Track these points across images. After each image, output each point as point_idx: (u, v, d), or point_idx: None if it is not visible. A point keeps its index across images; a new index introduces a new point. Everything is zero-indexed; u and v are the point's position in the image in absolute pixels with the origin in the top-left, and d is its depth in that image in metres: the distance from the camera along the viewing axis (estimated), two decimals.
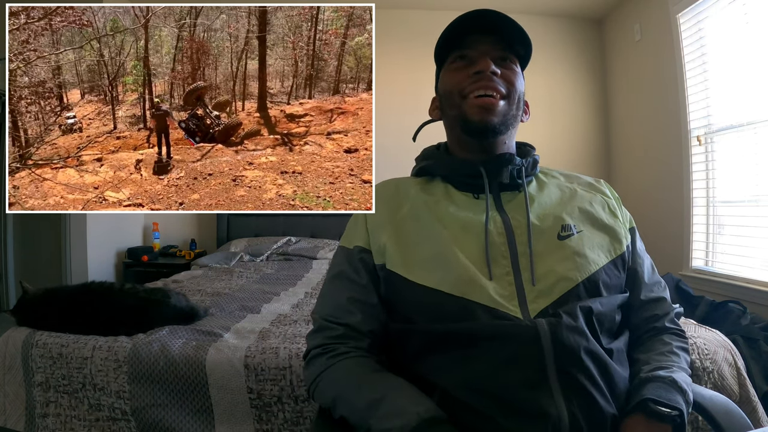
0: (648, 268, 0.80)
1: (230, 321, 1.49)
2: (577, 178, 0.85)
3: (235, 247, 3.02)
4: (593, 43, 3.56)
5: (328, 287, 0.78)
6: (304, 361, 0.76)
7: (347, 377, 0.68)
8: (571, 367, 0.62)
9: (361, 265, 0.74)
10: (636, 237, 0.81)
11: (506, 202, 0.76)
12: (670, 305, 0.79)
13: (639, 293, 0.77)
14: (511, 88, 0.75)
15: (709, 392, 0.75)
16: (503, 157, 0.76)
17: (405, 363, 0.70)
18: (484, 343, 0.63)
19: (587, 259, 0.70)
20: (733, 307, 2.03)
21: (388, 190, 0.80)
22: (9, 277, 3.22)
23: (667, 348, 0.73)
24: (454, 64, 0.78)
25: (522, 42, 0.77)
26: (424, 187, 0.79)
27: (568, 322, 0.63)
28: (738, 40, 2.26)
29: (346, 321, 0.72)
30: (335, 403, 0.68)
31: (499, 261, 0.69)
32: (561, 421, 0.59)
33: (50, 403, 1.24)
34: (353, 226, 0.79)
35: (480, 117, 0.73)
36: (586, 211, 0.77)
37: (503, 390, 0.61)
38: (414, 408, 0.59)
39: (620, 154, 3.42)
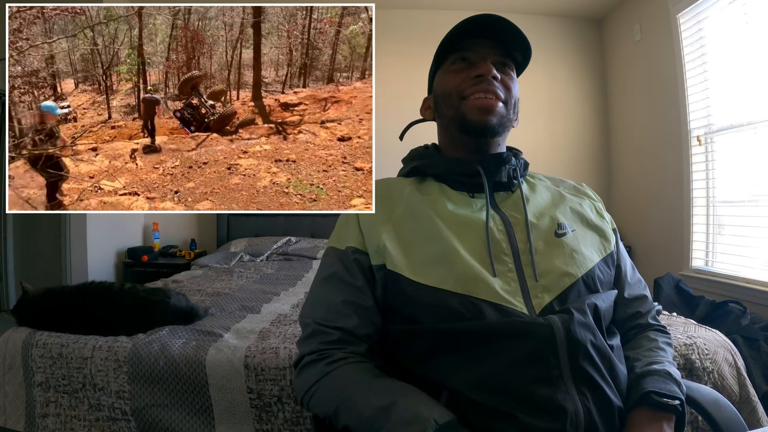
0: (629, 267, 0.83)
1: (230, 321, 1.49)
2: (562, 182, 0.87)
3: (235, 247, 3.02)
4: (593, 43, 3.56)
5: (320, 289, 0.74)
6: (296, 370, 0.72)
7: (349, 384, 0.65)
8: (583, 362, 0.63)
9: (355, 265, 0.72)
10: (618, 238, 0.83)
11: (501, 201, 0.77)
12: (651, 302, 0.83)
13: (623, 291, 0.80)
14: (508, 94, 0.77)
15: (696, 384, 0.79)
16: (501, 156, 0.78)
17: (408, 365, 0.68)
18: (496, 341, 0.63)
19: (584, 256, 0.72)
20: (733, 307, 2.03)
21: (382, 190, 0.79)
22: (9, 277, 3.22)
23: (654, 344, 0.76)
24: (454, 65, 0.79)
25: (521, 49, 0.79)
26: (418, 187, 0.79)
27: (579, 318, 0.64)
28: (738, 40, 2.26)
29: (341, 325, 0.69)
30: (338, 412, 0.65)
31: (501, 258, 0.70)
32: (578, 416, 0.60)
33: (50, 403, 1.24)
34: (344, 226, 0.77)
35: (479, 117, 0.74)
36: (577, 212, 0.80)
37: (520, 387, 0.61)
38: (428, 413, 0.58)
39: (620, 154, 3.42)
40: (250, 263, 2.77)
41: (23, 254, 3.26)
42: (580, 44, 3.54)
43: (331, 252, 0.76)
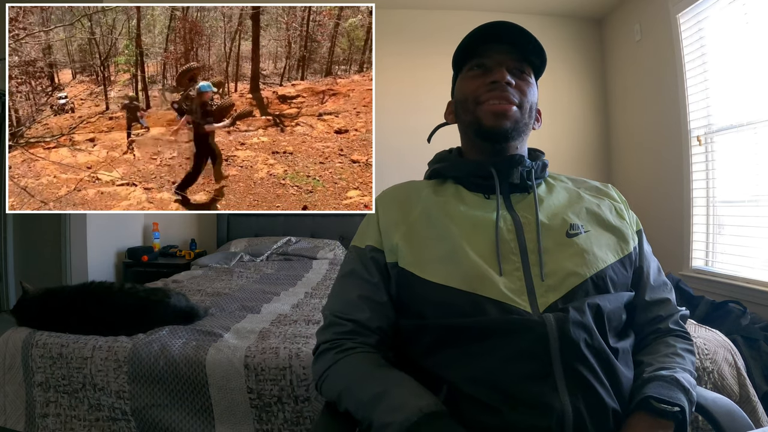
0: (654, 270, 0.81)
1: (230, 321, 1.49)
2: (584, 183, 0.87)
3: (235, 247, 3.02)
4: (593, 43, 3.55)
5: (339, 285, 0.80)
6: (314, 357, 0.78)
7: (353, 372, 0.70)
8: (576, 362, 0.63)
9: (372, 263, 0.76)
10: (643, 239, 0.82)
11: (516, 202, 0.78)
12: (675, 307, 0.80)
13: (644, 294, 0.78)
14: (523, 99, 0.78)
15: (712, 394, 0.75)
16: (513, 158, 0.79)
17: (416, 359, 0.71)
18: (493, 337, 0.65)
19: (595, 256, 0.72)
20: (733, 307, 2.03)
21: (402, 193, 0.83)
22: (9, 277, 3.21)
23: (672, 350, 0.74)
24: (471, 72, 0.81)
25: (537, 53, 0.80)
26: (436, 189, 0.82)
27: (575, 317, 0.65)
28: (738, 40, 2.25)
29: (354, 317, 0.74)
30: (340, 396, 0.69)
31: (508, 257, 0.71)
32: (565, 415, 0.60)
33: (50, 403, 1.24)
34: (366, 226, 0.82)
35: (493, 122, 0.76)
36: (594, 213, 0.79)
37: (510, 383, 0.63)
38: (416, 402, 0.61)
39: (620, 154, 3.42)
40: (250, 263, 2.77)
41: (23, 254, 3.26)
42: (580, 44, 3.54)
43: (353, 250, 0.81)
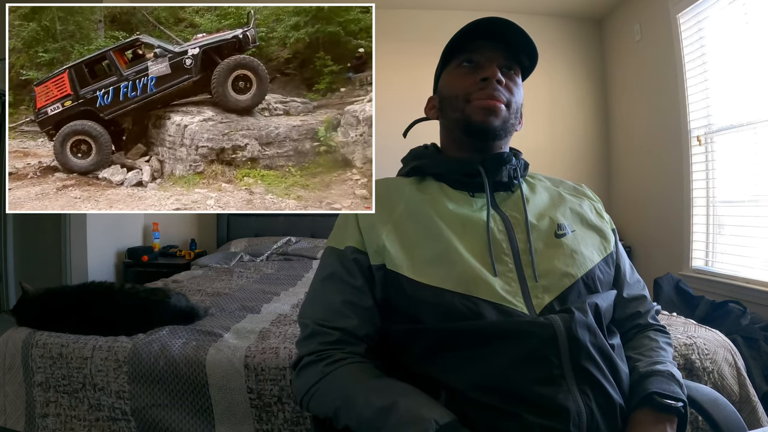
0: (628, 267, 0.83)
1: (230, 321, 1.49)
2: (562, 183, 0.87)
3: (235, 247, 3.02)
4: (593, 43, 3.55)
5: (319, 289, 0.74)
6: (294, 371, 0.72)
7: (350, 384, 0.65)
8: (585, 362, 0.63)
9: (355, 266, 0.71)
10: (617, 238, 0.83)
11: (500, 201, 0.77)
12: (650, 302, 0.83)
13: (622, 291, 0.80)
14: (511, 98, 0.77)
15: (695, 384, 0.79)
16: (502, 156, 0.78)
17: (409, 365, 0.68)
18: (497, 341, 0.63)
19: (583, 256, 0.73)
20: (733, 307, 2.03)
21: (380, 190, 0.79)
22: (9, 277, 3.21)
23: (656, 344, 0.76)
24: (460, 67, 0.79)
25: (528, 53, 0.79)
26: (418, 186, 0.78)
27: (581, 318, 0.64)
28: (738, 40, 2.25)
29: (341, 325, 0.69)
30: (338, 412, 0.65)
31: (502, 258, 0.70)
32: (580, 416, 0.60)
33: (50, 403, 1.24)
34: (343, 226, 0.77)
35: (482, 118, 0.75)
36: (577, 213, 0.80)
37: (522, 387, 0.61)
38: (429, 414, 0.58)
39: (620, 154, 3.42)
40: (250, 263, 2.77)
41: (23, 254, 3.26)
42: (580, 44, 3.54)
43: (330, 252, 0.75)
